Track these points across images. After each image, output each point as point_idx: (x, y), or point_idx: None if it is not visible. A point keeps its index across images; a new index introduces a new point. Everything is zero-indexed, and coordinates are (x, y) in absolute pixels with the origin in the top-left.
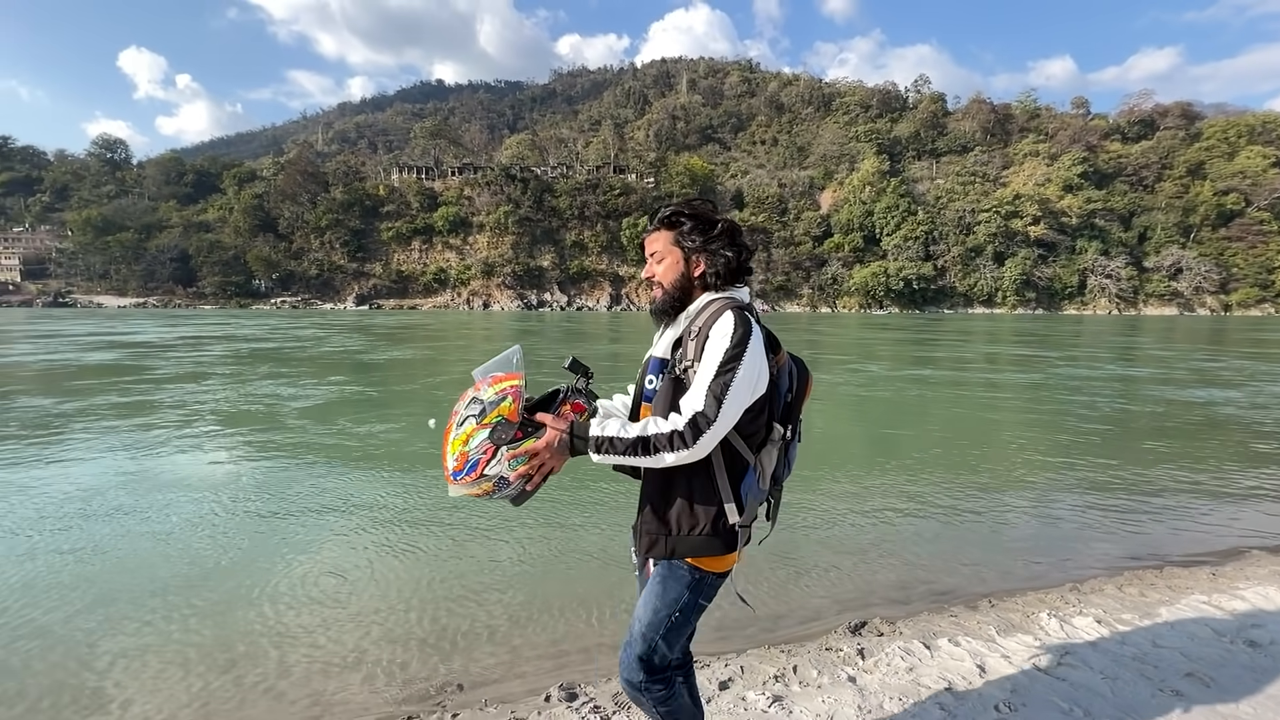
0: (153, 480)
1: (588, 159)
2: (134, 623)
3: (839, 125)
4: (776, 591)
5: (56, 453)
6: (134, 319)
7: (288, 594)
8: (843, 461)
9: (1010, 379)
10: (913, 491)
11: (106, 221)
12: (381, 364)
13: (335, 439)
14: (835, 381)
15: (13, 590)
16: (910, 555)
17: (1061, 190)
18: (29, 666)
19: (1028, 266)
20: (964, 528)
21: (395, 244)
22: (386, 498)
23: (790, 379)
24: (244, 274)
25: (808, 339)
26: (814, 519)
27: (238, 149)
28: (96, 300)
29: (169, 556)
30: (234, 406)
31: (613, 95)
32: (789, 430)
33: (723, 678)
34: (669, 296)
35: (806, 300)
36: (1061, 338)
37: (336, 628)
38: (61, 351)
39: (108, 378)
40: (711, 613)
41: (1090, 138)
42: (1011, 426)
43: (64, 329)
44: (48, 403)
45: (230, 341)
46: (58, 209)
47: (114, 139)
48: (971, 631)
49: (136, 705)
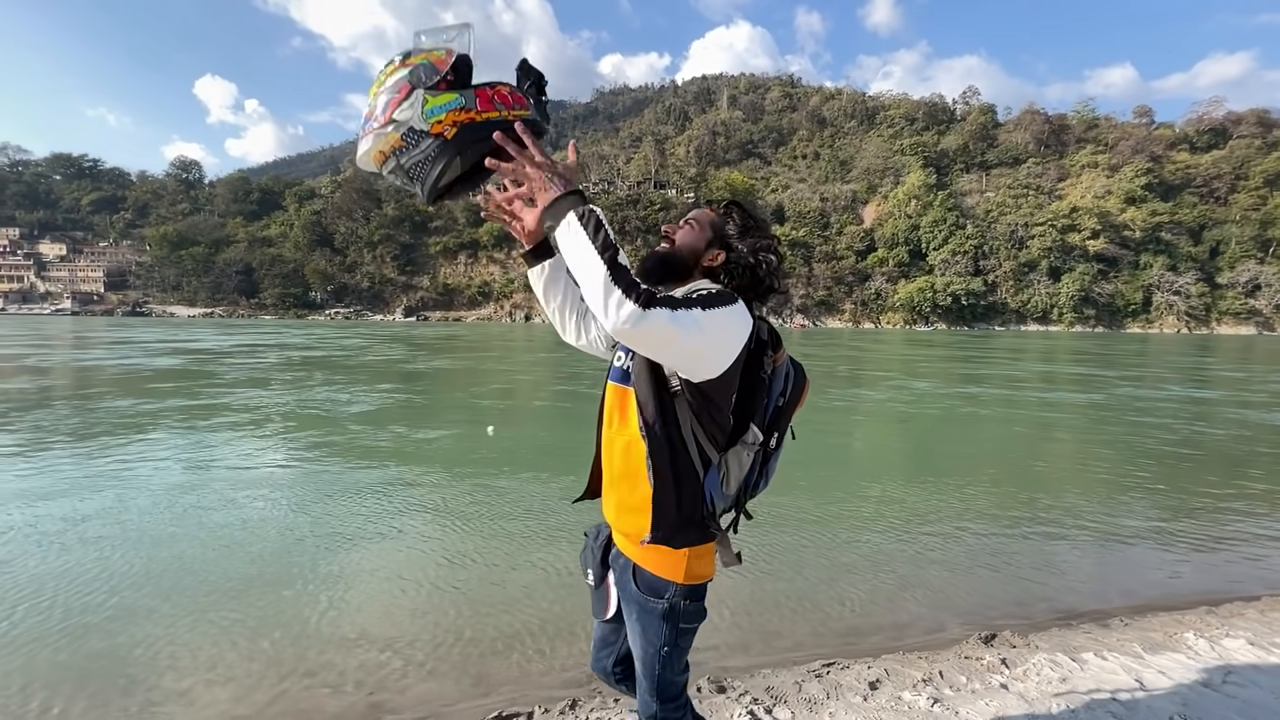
0: (225, 479)
1: (629, 175)
2: (196, 617)
3: (883, 139)
4: (892, 602)
5: (138, 450)
6: (198, 328)
7: (365, 595)
8: (900, 475)
9: (1068, 398)
10: (990, 508)
11: (180, 237)
12: (425, 373)
13: (392, 443)
14: (881, 398)
15: (73, 577)
16: (1017, 572)
17: (1123, 203)
18: (100, 651)
19: (1086, 282)
20: (1065, 546)
21: (442, 258)
22: (453, 501)
23: (785, 381)
24: (302, 286)
25: (849, 354)
26: (901, 531)
27: (298, 168)
28: (169, 310)
29: (240, 554)
30: (295, 411)
31: (654, 112)
32: (773, 438)
33: (870, 679)
34: (668, 255)
35: (849, 315)
36: (1123, 357)
37: (437, 631)
38: (132, 357)
39: (176, 382)
40: (834, 619)
41: (1155, 148)
42: (1081, 447)
43: (135, 336)
44: (125, 404)
45: (282, 350)
46: (138, 225)
47: (189, 160)
48: (1114, 647)
49: (201, 696)
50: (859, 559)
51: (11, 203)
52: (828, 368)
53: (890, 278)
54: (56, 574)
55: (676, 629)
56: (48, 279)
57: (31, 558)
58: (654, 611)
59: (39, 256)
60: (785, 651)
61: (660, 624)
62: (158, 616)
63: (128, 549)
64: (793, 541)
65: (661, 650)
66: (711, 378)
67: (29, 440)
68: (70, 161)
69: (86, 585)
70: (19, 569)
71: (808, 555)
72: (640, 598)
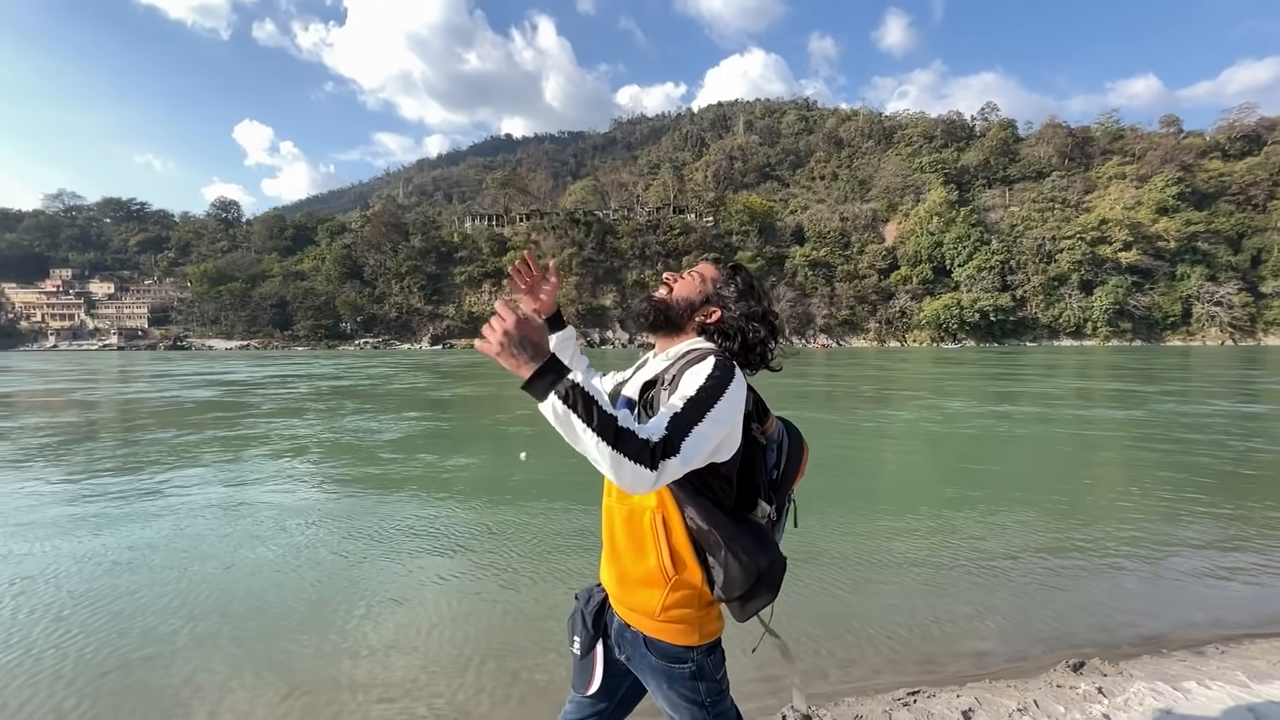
0: (273, 508)
1: (648, 201)
2: (268, 644)
3: (901, 157)
4: (964, 626)
5: (186, 480)
6: (232, 360)
7: (399, 629)
8: (945, 496)
9: (1107, 415)
10: (1046, 529)
11: (219, 273)
12: (450, 400)
13: (425, 470)
14: (910, 418)
15: (122, 601)
16: (1090, 596)
17: (1155, 213)
18: (134, 679)
19: (1120, 295)
20: (1136, 569)
21: (467, 287)
22: (495, 526)
23: (779, 452)
24: (333, 318)
25: (874, 374)
26: (957, 553)
27: (329, 204)
28: (208, 343)
29: (302, 580)
30: (330, 440)
31: (671, 140)
32: (774, 510)
33: (962, 708)
34: (665, 307)
35: (873, 334)
36: (1163, 370)
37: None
38: (171, 390)
39: (214, 413)
40: (908, 645)
41: (1185, 156)
42: (1131, 466)
43: (174, 369)
44: (168, 435)
45: (311, 380)
46: (181, 263)
47: (228, 200)
48: (1215, 676)
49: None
50: (919, 582)
51: (65, 245)
52: (852, 388)
53: (915, 295)
54: (129, 599)
55: (711, 680)
56: (97, 316)
57: (105, 584)
58: (682, 675)
59: (89, 295)
60: (864, 679)
61: (693, 682)
62: (237, 641)
63: (194, 576)
64: (846, 562)
65: (706, 702)
66: (724, 460)
67: (83, 472)
68: (119, 205)
69: (160, 611)
70: (97, 596)
71: (865, 577)
72: (663, 666)
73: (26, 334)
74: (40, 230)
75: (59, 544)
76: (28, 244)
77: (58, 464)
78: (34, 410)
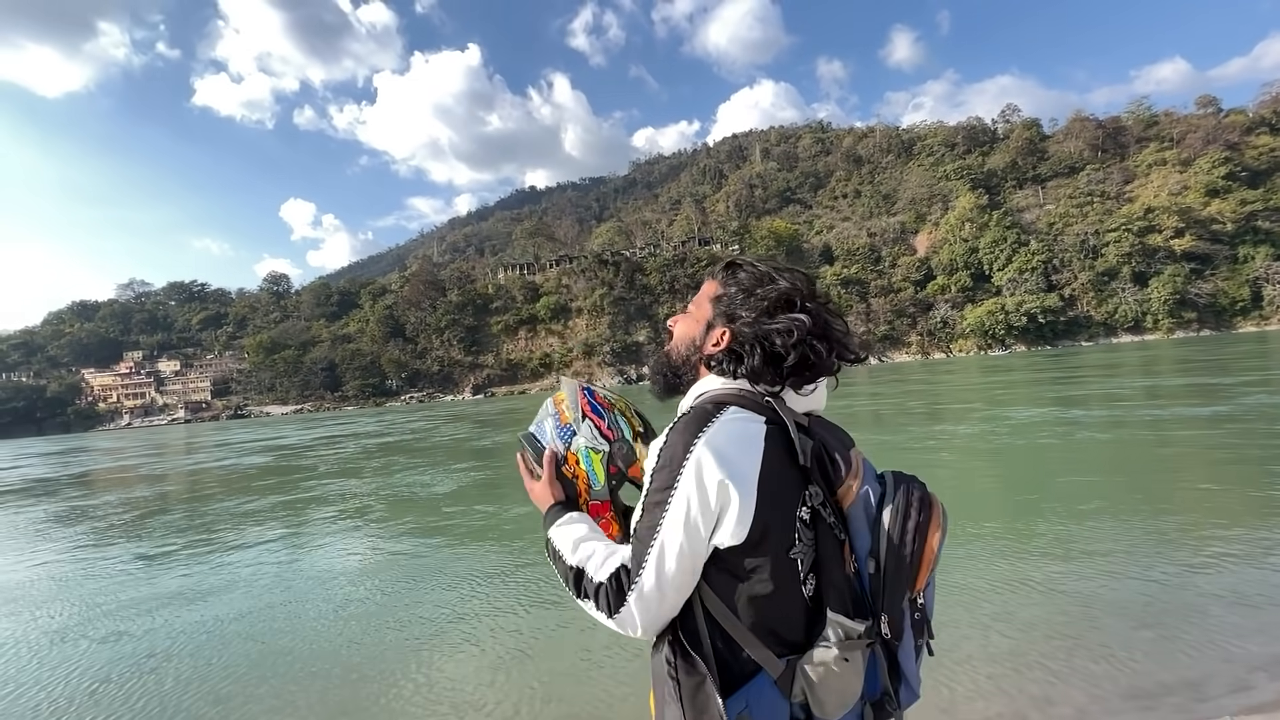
0: (356, 568)
1: (672, 236)
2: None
3: (924, 168)
4: (1157, 654)
5: (264, 546)
6: (285, 425)
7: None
8: (1059, 511)
9: (1188, 413)
10: (1187, 539)
11: (273, 343)
12: (492, 449)
13: (486, 522)
14: (970, 432)
15: (193, 660)
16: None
17: (1205, 196)
18: None
19: (1179, 284)
20: None
21: (504, 335)
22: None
23: (876, 533)
24: (379, 376)
25: (920, 389)
26: (1105, 571)
27: (369, 269)
28: (265, 410)
29: (422, 641)
30: (387, 497)
31: (689, 175)
32: (877, 622)
33: None
34: (665, 362)
35: (916, 347)
36: (1237, 359)
37: None
38: (229, 458)
39: (272, 478)
40: (1104, 679)
41: (1229, 135)
42: (1253, 465)
43: (231, 438)
44: (233, 504)
45: (358, 439)
46: (238, 337)
47: (278, 274)
48: None
49: None
50: (1077, 606)
51: (136, 329)
52: (899, 404)
53: (955, 304)
54: (231, 667)
55: None
56: (165, 392)
57: (215, 654)
58: None
59: (158, 373)
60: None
61: None
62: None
63: (296, 644)
64: (986, 586)
65: None
66: (734, 545)
67: (162, 546)
68: (183, 288)
69: (254, 682)
70: (204, 666)
71: (1015, 604)
72: None
73: (104, 414)
74: (115, 317)
75: (171, 616)
76: (104, 331)
77: (138, 538)
78: (110, 488)
